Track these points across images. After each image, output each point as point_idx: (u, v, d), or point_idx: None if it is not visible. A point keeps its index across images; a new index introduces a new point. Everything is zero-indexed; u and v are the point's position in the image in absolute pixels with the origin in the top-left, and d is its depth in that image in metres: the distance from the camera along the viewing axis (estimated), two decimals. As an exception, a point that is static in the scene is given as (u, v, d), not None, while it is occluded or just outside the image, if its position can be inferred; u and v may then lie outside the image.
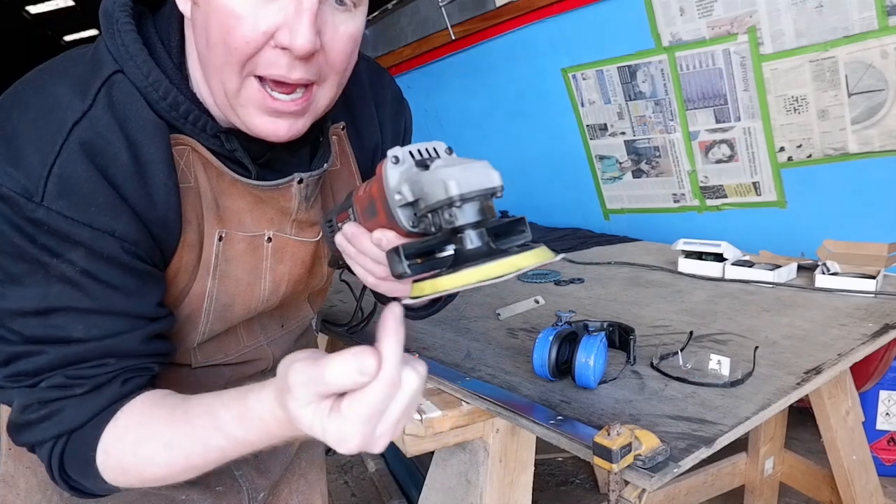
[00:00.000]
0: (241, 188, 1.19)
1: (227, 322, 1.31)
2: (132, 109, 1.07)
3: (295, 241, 1.31)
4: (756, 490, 2.87)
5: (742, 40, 2.95)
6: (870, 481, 2.47)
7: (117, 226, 1.04)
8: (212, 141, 1.15)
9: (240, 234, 1.23)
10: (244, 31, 0.99)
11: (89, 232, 1.02)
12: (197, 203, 1.16)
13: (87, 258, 1.03)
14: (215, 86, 1.07)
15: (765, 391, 1.58)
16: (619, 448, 1.26)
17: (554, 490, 3.67)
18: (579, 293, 2.49)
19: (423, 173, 0.86)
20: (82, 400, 1.07)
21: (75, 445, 1.08)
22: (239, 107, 1.07)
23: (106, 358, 1.08)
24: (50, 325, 1.05)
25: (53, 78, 1.07)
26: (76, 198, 1.01)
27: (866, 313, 2.07)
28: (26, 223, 1.00)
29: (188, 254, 1.17)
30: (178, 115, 1.10)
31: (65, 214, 1.00)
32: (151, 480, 1.08)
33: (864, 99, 2.76)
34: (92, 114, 1.03)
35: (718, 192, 3.40)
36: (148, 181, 1.07)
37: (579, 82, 3.60)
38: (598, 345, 1.58)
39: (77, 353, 1.06)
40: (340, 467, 3.98)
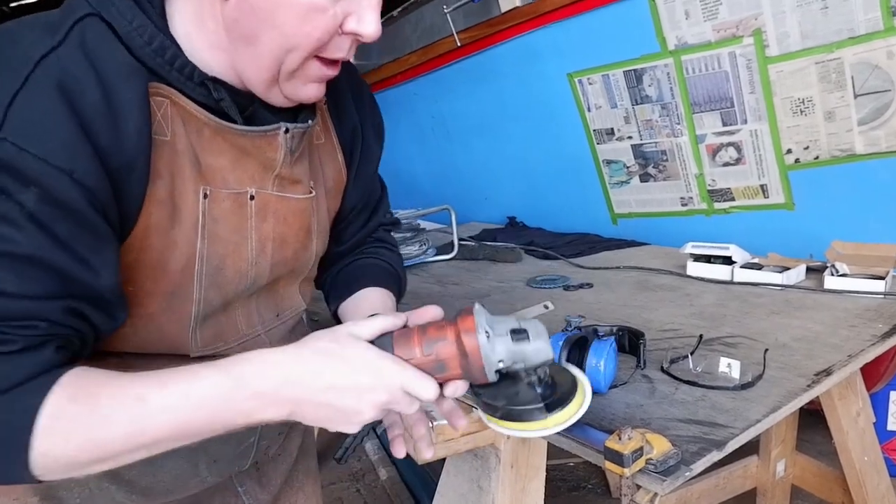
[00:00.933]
0: (223, 143, 1.18)
1: (220, 290, 1.26)
2: (106, 50, 1.04)
3: (277, 197, 1.30)
4: (768, 493, 2.87)
5: (747, 43, 2.95)
6: (882, 482, 2.46)
7: (77, 166, 0.99)
8: (197, 90, 1.14)
9: (224, 192, 1.21)
10: (327, 23, 1.07)
11: (45, 168, 0.96)
12: (173, 159, 1.13)
13: (39, 203, 0.96)
14: (268, 64, 1.11)
15: (775, 394, 1.59)
16: (630, 452, 1.26)
17: (566, 495, 3.67)
18: (588, 298, 2.49)
19: (525, 345, 1.13)
20: (10, 359, 0.97)
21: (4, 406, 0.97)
22: (290, 81, 1.14)
23: (36, 320, 0.99)
24: None
25: (20, 25, 1.05)
26: (37, 131, 0.96)
27: (876, 314, 2.07)
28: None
29: (157, 211, 1.12)
30: (163, 62, 1.09)
31: (21, 147, 0.94)
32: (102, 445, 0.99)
33: (871, 100, 2.76)
34: (61, 51, 1.00)
35: (726, 195, 3.39)
36: (118, 124, 1.03)
37: (585, 87, 3.61)
38: (608, 349, 1.59)
39: (6, 308, 0.97)
40: (352, 475, 3.98)
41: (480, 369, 1.12)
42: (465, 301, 2.49)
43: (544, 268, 3.01)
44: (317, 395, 1.05)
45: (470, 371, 1.13)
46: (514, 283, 2.75)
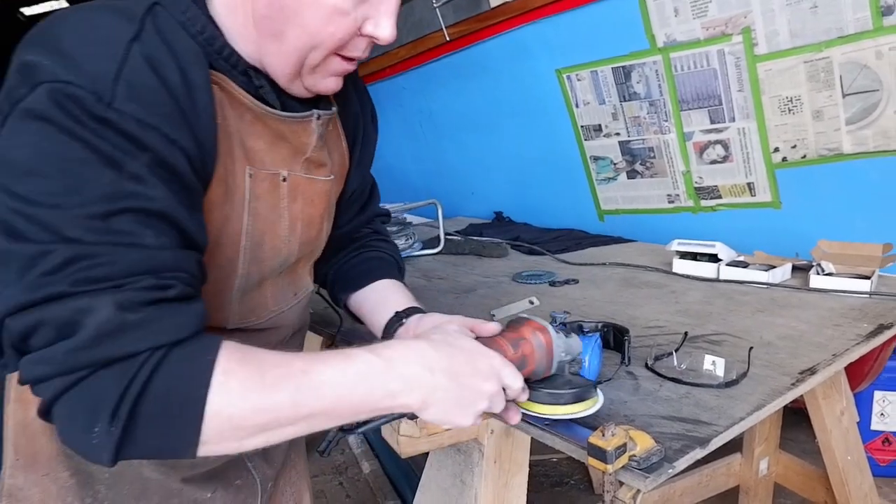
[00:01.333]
0: (262, 128, 1.25)
1: (259, 265, 1.33)
2: (176, 36, 1.10)
3: (306, 179, 1.38)
4: (751, 491, 2.88)
5: (736, 41, 2.95)
6: (864, 482, 2.47)
7: (181, 137, 1.06)
8: (240, 78, 1.21)
9: (263, 172, 1.28)
10: (347, 25, 1.15)
11: (160, 138, 1.02)
12: (225, 141, 1.19)
13: (154, 165, 1.02)
14: (292, 59, 1.18)
15: (759, 392, 1.59)
16: (613, 449, 1.26)
17: (549, 491, 3.67)
18: (574, 294, 2.49)
19: (570, 339, 1.40)
20: (179, 308, 1.00)
21: (178, 366, 0.97)
22: (311, 75, 1.23)
23: (180, 271, 1.03)
24: (117, 231, 0.97)
25: (89, 10, 1.06)
26: (145, 103, 1.01)
27: (861, 314, 2.07)
28: (96, 122, 0.97)
29: (217, 188, 1.19)
30: (213, 50, 1.16)
31: (137, 117, 0.99)
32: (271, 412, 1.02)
33: (859, 99, 2.77)
34: (143, 36, 1.04)
35: (713, 193, 3.40)
36: (196, 104, 1.10)
37: (574, 83, 3.61)
38: (592, 345, 1.58)
39: (156, 258, 0.99)
40: (335, 468, 3.98)
41: (551, 361, 1.35)
42: (452, 295, 2.49)
43: (530, 263, 3.01)
44: (450, 381, 1.17)
45: (542, 364, 1.34)
46: (499, 279, 2.75)
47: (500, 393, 1.23)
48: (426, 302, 1.55)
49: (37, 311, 0.93)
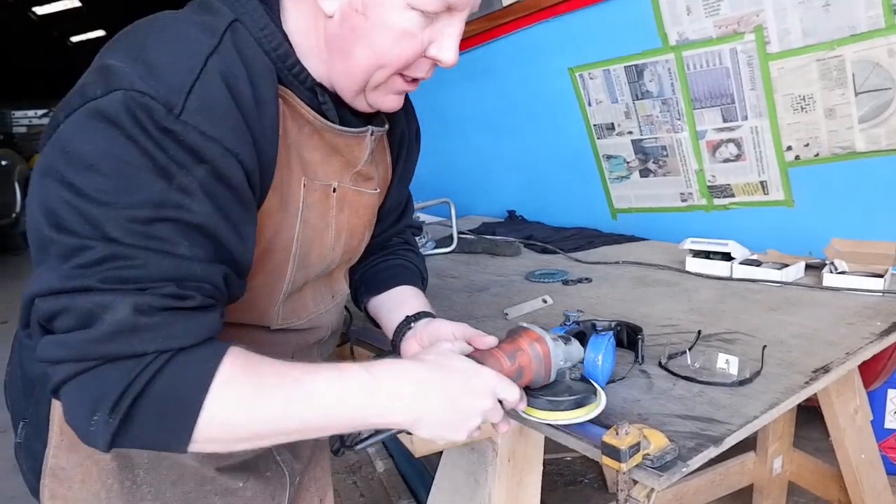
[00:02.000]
0: (319, 141, 1.33)
1: (305, 270, 1.41)
2: (252, 52, 1.16)
3: (354, 190, 1.46)
4: (764, 489, 2.87)
5: (749, 39, 2.95)
6: (878, 480, 2.47)
7: (241, 151, 1.11)
8: (306, 94, 1.28)
9: (316, 183, 1.35)
10: (412, 47, 1.21)
11: (220, 150, 1.07)
12: (284, 151, 1.25)
13: (209, 177, 1.07)
14: (357, 77, 1.25)
15: (773, 390, 1.59)
16: (627, 447, 1.26)
17: (563, 490, 3.68)
18: (587, 292, 2.49)
19: (569, 346, 1.41)
20: (194, 316, 1.06)
21: (181, 369, 1.03)
22: (374, 91, 1.28)
23: (206, 283, 1.08)
24: (154, 237, 1.03)
25: (175, 21, 1.14)
26: (212, 117, 1.06)
27: (874, 312, 2.07)
28: (160, 133, 1.02)
29: (273, 197, 1.25)
30: (284, 67, 1.23)
31: (201, 129, 1.05)
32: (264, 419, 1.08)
33: (872, 98, 2.76)
34: (221, 49, 1.11)
35: (726, 192, 3.39)
36: (262, 117, 1.16)
37: (586, 82, 3.60)
38: (606, 344, 1.59)
39: (183, 268, 1.05)
40: (349, 468, 3.99)
41: (549, 370, 1.37)
42: (463, 294, 2.49)
43: (543, 262, 3.01)
44: (443, 402, 1.21)
45: (540, 374, 1.36)
46: (512, 277, 2.75)
47: (496, 407, 1.27)
48: (439, 301, 1.56)
49: (64, 298, 1.00)
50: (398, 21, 1.18)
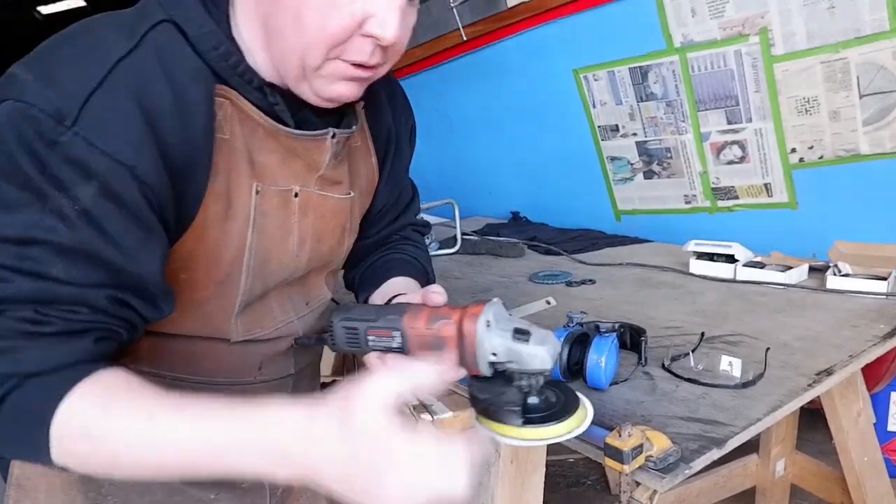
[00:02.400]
0: (274, 143, 1.23)
1: (264, 280, 1.32)
2: (177, 54, 1.10)
3: (319, 195, 1.35)
4: (767, 491, 2.87)
5: (753, 41, 2.95)
6: (881, 483, 2.46)
7: (140, 164, 1.02)
8: (255, 94, 1.19)
9: (273, 189, 1.26)
10: (341, 19, 1.07)
11: (109, 163, 0.99)
12: (230, 156, 1.17)
13: (94, 197, 0.99)
14: (292, 59, 1.13)
15: (776, 392, 1.59)
16: (630, 449, 1.26)
17: (565, 491, 3.67)
18: (590, 294, 2.49)
19: (522, 346, 1.11)
20: (49, 343, 0.99)
21: (27, 394, 0.98)
22: (316, 78, 1.15)
23: (79, 306, 1.01)
24: (27, 257, 0.98)
25: (100, 24, 1.09)
26: (107, 128, 1.00)
27: (878, 315, 2.07)
28: (43, 147, 0.97)
29: (214, 204, 1.17)
30: (227, 66, 1.14)
31: (90, 141, 0.98)
32: (108, 456, 0.98)
33: (876, 100, 2.76)
34: (137, 53, 1.05)
35: (730, 194, 3.39)
36: (188, 122, 1.09)
37: (591, 83, 3.61)
38: (609, 346, 1.59)
39: (50, 292, 0.99)
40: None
41: (473, 356, 1.13)
42: (468, 295, 2.50)
43: (547, 263, 3.01)
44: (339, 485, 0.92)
45: (465, 356, 1.14)
46: (516, 279, 2.75)
47: None
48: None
49: None
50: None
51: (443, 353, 1.15)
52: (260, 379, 1.43)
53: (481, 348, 1.12)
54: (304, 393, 1.59)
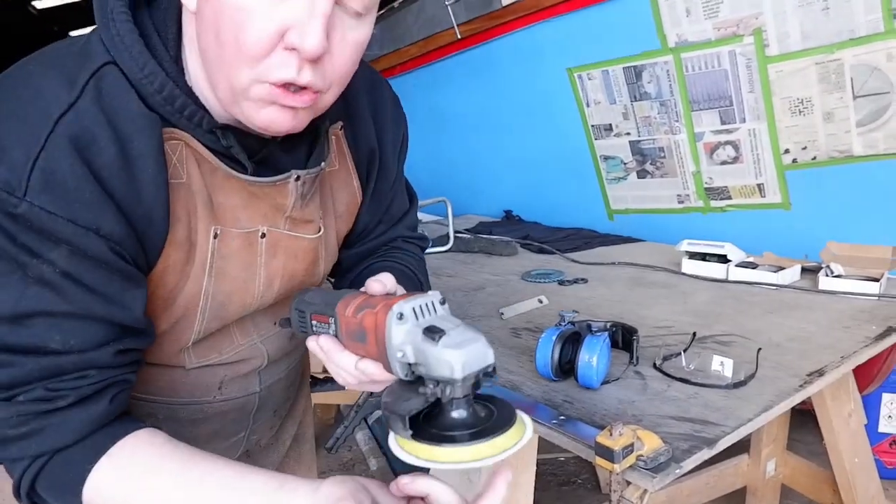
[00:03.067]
0: (235, 184, 1.17)
1: (222, 320, 1.28)
2: (121, 102, 1.03)
3: (289, 235, 1.30)
4: (758, 492, 2.87)
5: (748, 42, 2.95)
6: (871, 484, 2.47)
7: (102, 223, 1.00)
8: (207, 137, 1.12)
9: (235, 231, 1.21)
10: (255, 28, 0.96)
11: (73, 229, 0.97)
12: (189, 199, 1.13)
13: (68, 258, 0.99)
14: (221, 81, 1.04)
15: (767, 393, 1.59)
16: (621, 448, 1.26)
17: (556, 490, 3.67)
18: (583, 293, 2.49)
19: (430, 347, 0.93)
20: (67, 415, 1.02)
21: (58, 467, 1.03)
22: (244, 101, 1.04)
23: (86, 370, 1.03)
24: (23, 334, 0.99)
25: (40, 69, 1.03)
26: (61, 192, 0.96)
27: (870, 316, 2.07)
28: (6, 219, 0.95)
29: (175, 252, 1.14)
30: (173, 110, 1.08)
31: (48, 210, 0.95)
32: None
33: (870, 101, 2.76)
34: (79, 106, 0.99)
35: (723, 194, 3.40)
36: (136, 176, 1.04)
37: (585, 82, 3.61)
38: (601, 345, 1.59)
39: (56, 365, 1.01)
40: (343, 465, 3.98)
41: (384, 352, 1.00)
42: (459, 293, 2.49)
43: (539, 262, 3.01)
44: None
45: (380, 352, 1.01)
46: (508, 277, 2.75)
47: None
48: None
49: None
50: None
51: (367, 346, 1.04)
52: (220, 399, 1.40)
53: (389, 344, 0.98)
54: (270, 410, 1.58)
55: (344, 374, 1.12)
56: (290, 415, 1.71)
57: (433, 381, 0.94)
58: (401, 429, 0.95)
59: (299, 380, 1.71)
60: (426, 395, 0.95)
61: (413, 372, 0.98)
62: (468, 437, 0.94)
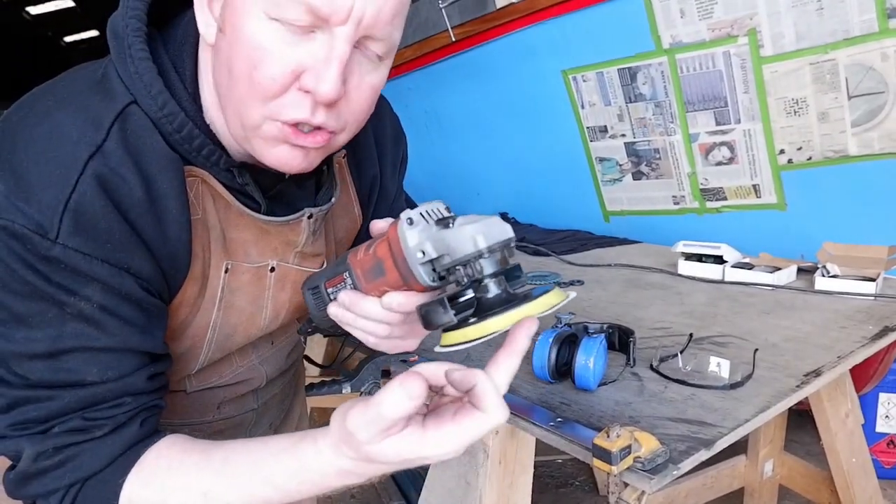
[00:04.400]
0: (248, 220, 1.19)
1: (225, 351, 1.31)
2: (146, 143, 1.04)
3: (297, 269, 1.31)
4: (755, 492, 2.88)
5: (742, 42, 2.95)
6: (869, 484, 2.47)
7: (132, 262, 1.02)
8: (223, 174, 1.14)
9: (245, 265, 1.22)
10: (271, 67, 0.97)
11: (107, 269, 0.99)
12: (204, 235, 1.15)
13: (103, 294, 1.01)
14: (232, 116, 1.06)
15: (764, 393, 1.58)
16: (618, 450, 1.26)
17: (553, 492, 3.67)
18: (579, 295, 2.48)
19: (447, 231, 0.92)
20: (101, 443, 1.04)
21: (92, 492, 1.04)
22: (256, 138, 1.05)
23: (122, 397, 1.05)
24: (61, 369, 1.01)
25: (59, 106, 1.02)
26: (92, 234, 0.97)
27: (866, 316, 2.07)
28: (40, 261, 0.96)
29: (191, 287, 1.16)
30: (190, 149, 1.09)
31: (82, 251, 0.97)
32: None
33: (865, 101, 2.77)
34: (106, 148, 0.99)
35: (718, 195, 3.40)
36: (161, 217, 1.05)
37: (579, 84, 3.61)
38: (597, 347, 1.59)
39: (93, 396, 1.03)
40: (340, 469, 3.98)
41: (404, 262, 0.97)
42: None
43: (535, 264, 3.01)
44: None
45: (401, 270, 0.99)
46: (505, 279, 2.74)
47: None
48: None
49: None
50: (255, 34, 0.96)
51: (386, 276, 1.02)
52: (219, 418, 1.43)
53: (407, 249, 0.96)
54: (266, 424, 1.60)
55: (371, 325, 1.10)
56: (285, 423, 1.74)
57: (461, 265, 0.92)
58: (442, 315, 0.91)
59: (294, 389, 1.72)
60: (458, 279, 0.93)
61: (438, 274, 0.96)
62: (514, 303, 0.91)
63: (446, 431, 0.88)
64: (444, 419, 0.89)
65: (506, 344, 0.92)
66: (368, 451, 0.89)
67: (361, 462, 0.93)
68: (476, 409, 0.87)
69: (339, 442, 0.93)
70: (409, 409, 0.85)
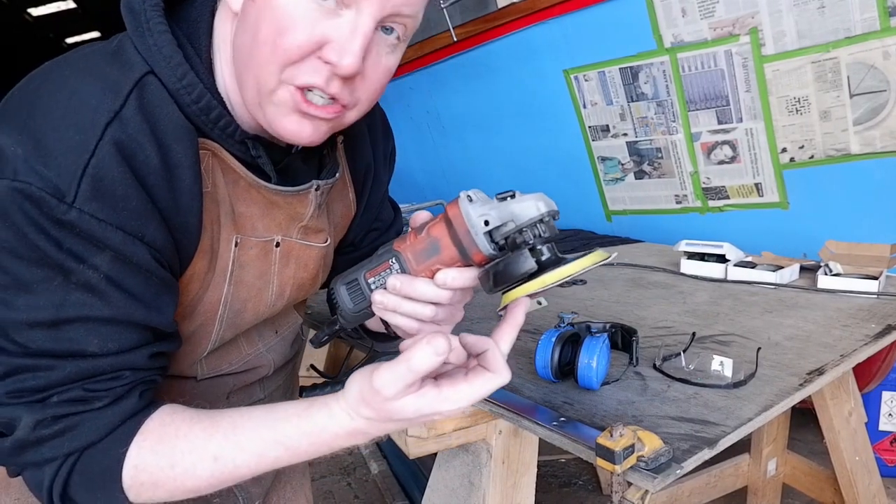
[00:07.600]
0: (255, 194, 1.20)
1: (236, 328, 1.31)
2: (163, 113, 1.05)
3: (300, 244, 1.33)
4: (759, 491, 2.87)
5: (744, 41, 2.95)
6: (872, 482, 2.47)
7: (146, 231, 1.03)
8: (237, 146, 1.15)
9: (253, 240, 1.24)
10: (297, 35, 1.00)
11: (121, 236, 0.99)
12: (213, 208, 1.15)
13: (112, 263, 1.00)
14: (249, 81, 1.08)
15: (767, 392, 1.58)
16: (621, 449, 1.26)
17: (557, 491, 3.67)
18: (582, 294, 2.49)
19: (510, 203, 1.08)
20: (101, 413, 1.04)
21: (90, 462, 1.05)
22: (270, 105, 1.07)
23: (122, 371, 1.06)
24: (62, 339, 1.00)
25: (77, 74, 1.03)
26: (109, 200, 0.98)
27: (869, 314, 2.07)
28: (53, 225, 0.95)
29: (201, 260, 1.16)
30: (207, 120, 1.10)
31: (97, 217, 0.97)
32: (188, 492, 1.08)
33: (866, 100, 2.77)
34: (124, 115, 1.00)
35: (720, 194, 3.40)
36: (175, 186, 1.06)
37: (581, 83, 3.61)
38: (600, 346, 1.58)
39: (93, 367, 1.03)
40: (343, 469, 3.98)
41: (467, 235, 1.06)
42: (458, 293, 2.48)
43: (538, 264, 3.00)
44: None
45: (461, 244, 1.07)
46: (507, 279, 2.74)
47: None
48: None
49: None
50: (287, 4, 1.00)
51: (441, 254, 1.10)
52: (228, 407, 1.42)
53: (470, 221, 1.06)
54: None
55: (419, 307, 1.15)
56: None
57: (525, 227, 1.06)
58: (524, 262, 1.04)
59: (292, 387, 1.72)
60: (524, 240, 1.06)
61: (496, 244, 1.07)
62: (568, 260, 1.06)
63: (460, 389, 0.98)
64: (457, 379, 0.99)
65: (506, 318, 1.08)
66: (391, 407, 0.97)
67: (377, 422, 1.01)
68: (486, 371, 1.00)
69: (358, 403, 0.99)
70: (434, 363, 0.93)
